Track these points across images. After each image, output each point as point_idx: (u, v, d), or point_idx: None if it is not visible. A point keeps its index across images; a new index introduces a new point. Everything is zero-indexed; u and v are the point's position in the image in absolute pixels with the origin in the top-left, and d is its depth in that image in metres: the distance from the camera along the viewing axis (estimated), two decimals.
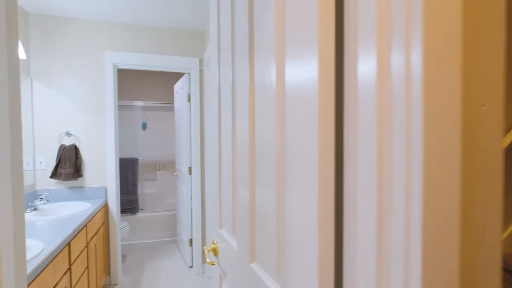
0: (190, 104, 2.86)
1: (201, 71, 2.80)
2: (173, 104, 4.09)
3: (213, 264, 1.08)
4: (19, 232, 0.92)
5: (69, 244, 1.70)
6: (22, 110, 2.32)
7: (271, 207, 0.63)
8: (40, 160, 2.50)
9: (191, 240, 2.92)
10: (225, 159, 0.97)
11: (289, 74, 0.56)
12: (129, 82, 4.32)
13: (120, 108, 4.33)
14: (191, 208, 2.90)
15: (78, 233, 1.86)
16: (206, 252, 1.06)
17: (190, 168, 2.89)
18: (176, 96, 3.43)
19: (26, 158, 2.38)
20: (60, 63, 2.51)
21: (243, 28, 0.77)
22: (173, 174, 3.40)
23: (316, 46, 0.48)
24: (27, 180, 2.38)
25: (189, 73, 2.84)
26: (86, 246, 2.04)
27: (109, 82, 2.58)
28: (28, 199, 2.33)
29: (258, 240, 0.71)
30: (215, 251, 1.07)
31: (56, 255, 1.51)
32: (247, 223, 0.76)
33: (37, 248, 1.44)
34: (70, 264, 1.71)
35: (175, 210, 3.88)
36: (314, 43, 0.48)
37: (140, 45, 2.66)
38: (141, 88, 4.36)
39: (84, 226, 2.00)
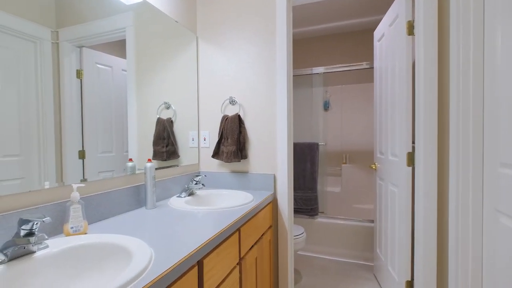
0: (413, 38, 1.61)
1: None
2: (366, 67, 2.92)
3: None
4: None
5: (200, 262, 0.90)
6: (188, 75, 1.85)
7: None
8: (204, 134, 2.00)
9: (410, 284, 1.65)
10: None
11: None
12: (306, 49, 3.51)
13: (295, 80, 3.59)
14: (412, 228, 1.64)
15: (225, 239, 1.07)
16: None
17: (410, 155, 1.63)
18: (377, 45, 2.24)
19: (191, 132, 1.91)
20: (224, 11, 1.91)
21: None
22: (372, 167, 2.23)
23: None
24: (193, 159, 1.92)
25: None
26: (239, 263, 1.24)
27: (282, 28, 1.74)
28: (188, 181, 1.85)
29: None
30: None
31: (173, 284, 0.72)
32: None
33: (139, 262, 0.69)
34: None
35: (372, 221, 2.68)
36: None
37: None
38: (321, 53, 3.46)
39: (237, 230, 1.20)
